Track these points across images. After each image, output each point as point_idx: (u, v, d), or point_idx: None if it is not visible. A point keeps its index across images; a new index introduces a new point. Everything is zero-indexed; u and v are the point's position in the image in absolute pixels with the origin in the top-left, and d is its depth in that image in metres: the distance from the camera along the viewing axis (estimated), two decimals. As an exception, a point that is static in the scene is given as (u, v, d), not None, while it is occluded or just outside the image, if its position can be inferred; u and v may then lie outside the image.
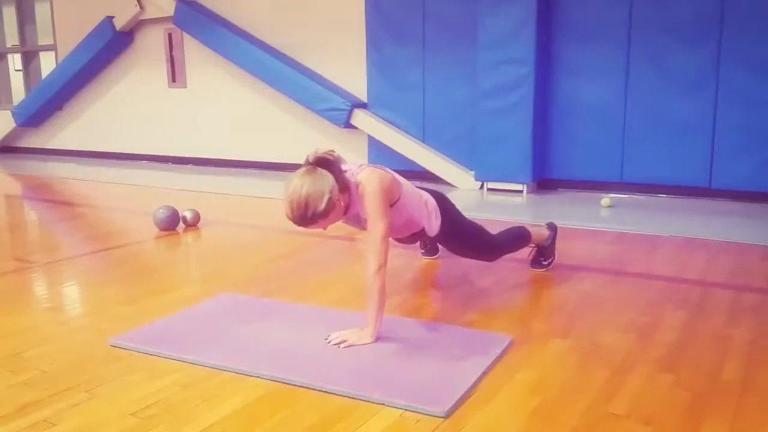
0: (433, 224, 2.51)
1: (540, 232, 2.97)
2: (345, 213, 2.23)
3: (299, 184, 2.03)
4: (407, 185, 2.42)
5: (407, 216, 2.40)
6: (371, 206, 2.15)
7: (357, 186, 2.18)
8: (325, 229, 2.21)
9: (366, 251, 2.21)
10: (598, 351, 2.13)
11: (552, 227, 3.06)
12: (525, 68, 5.00)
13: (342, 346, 2.10)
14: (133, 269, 3.27)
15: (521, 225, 2.99)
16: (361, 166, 2.27)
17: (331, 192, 2.04)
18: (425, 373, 1.94)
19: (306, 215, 2.04)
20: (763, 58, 4.48)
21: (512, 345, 2.16)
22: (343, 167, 2.21)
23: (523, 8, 4.93)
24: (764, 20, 4.44)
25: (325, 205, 2.03)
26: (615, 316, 2.46)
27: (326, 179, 2.05)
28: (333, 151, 2.15)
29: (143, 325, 2.34)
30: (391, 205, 2.25)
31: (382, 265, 2.13)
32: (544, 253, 2.97)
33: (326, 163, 2.09)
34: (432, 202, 2.53)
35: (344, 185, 2.13)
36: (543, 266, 2.97)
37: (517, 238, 2.86)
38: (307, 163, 2.10)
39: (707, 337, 2.25)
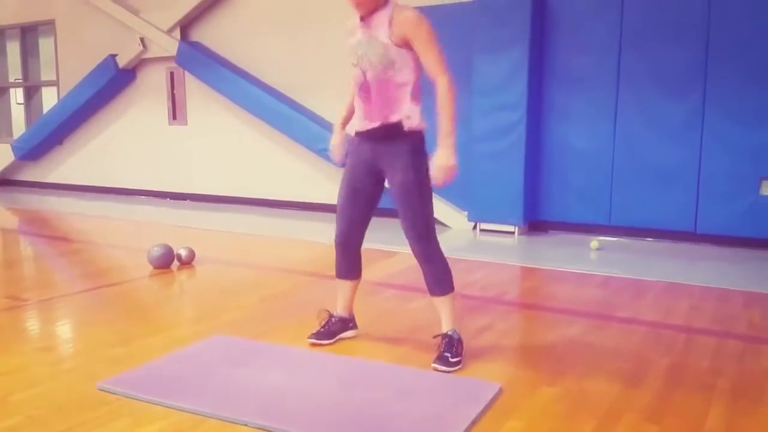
0: (415, 119, 2.35)
1: (454, 308, 2.52)
2: (363, 19, 2.32)
3: None
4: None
5: (404, 81, 2.32)
6: (425, 36, 2.25)
7: (393, 6, 2.28)
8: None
9: (432, 73, 2.28)
10: (585, 399, 2.15)
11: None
12: (517, 114, 5.12)
13: (447, 179, 2.25)
14: (126, 308, 3.28)
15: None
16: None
17: None
18: (414, 422, 1.95)
19: None
20: (746, 108, 4.60)
21: (501, 392, 2.18)
22: None
23: (516, 56, 5.08)
24: (747, 72, 4.57)
25: None
26: (602, 362, 2.48)
27: None
28: None
29: (133, 368, 2.35)
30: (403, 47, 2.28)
31: (451, 77, 2.27)
32: (452, 349, 2.42)
33: None
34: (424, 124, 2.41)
35: None
36: (450, 364, 2.37)
37: (447, 265, 2.49)
38: None
39: (691, 385, 2.27)
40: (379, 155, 2.43)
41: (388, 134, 2.38)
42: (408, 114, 2.36)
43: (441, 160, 2.28)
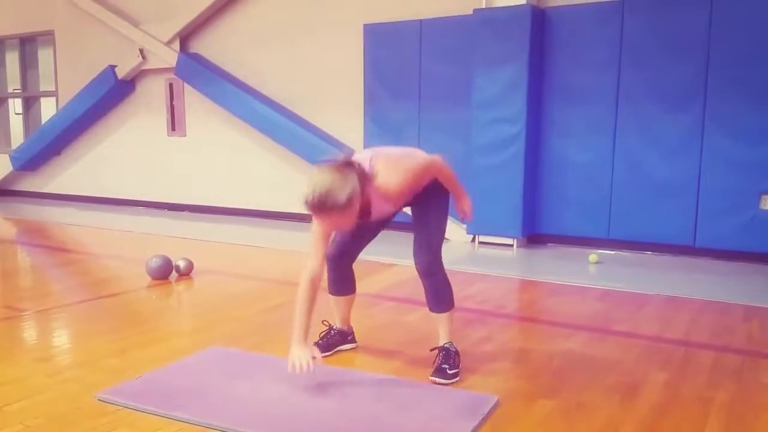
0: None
1: (453, 323, 2.57)
2: (363, 217, 2.32)
3: (327, 177, 2.15)
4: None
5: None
6: (412, 171, 2.34)
7: (377, 187, 2.27)
8: (330, 230, 2.33)
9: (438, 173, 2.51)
10: (582, 413, 2.15)
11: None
12: (516, 127, 5.15)
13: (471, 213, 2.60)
14: (124, 319, 3.28)
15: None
16: (372, 159, 2.33)
17: (352, 192, 2.15)
18: (411, 434, 1.95)
19: (325, 203, 2.13)
20: (745, 124, 4.63)
21: (498, 405, 2.18)
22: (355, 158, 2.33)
23: (516, 70, 5.11)
24: (746, 88, 4.60)
25: (345, 201, 2.13)
26: (600, 376, 2.49)
27: (352, 179, 2.15)
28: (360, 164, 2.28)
29: (132, 379, 2.34)
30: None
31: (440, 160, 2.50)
32: (449, 361, 2.45)
33: (353, 167, 2.22)
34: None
35: (363, 191, 2.22)
36: (448, 377, 2.39)
37: (448, 282, 2.54)
38: (336, 162, 2.22)
39: (689, 399, 2.28)
40: None
41: None
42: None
43: (466, 202, 2.63)
